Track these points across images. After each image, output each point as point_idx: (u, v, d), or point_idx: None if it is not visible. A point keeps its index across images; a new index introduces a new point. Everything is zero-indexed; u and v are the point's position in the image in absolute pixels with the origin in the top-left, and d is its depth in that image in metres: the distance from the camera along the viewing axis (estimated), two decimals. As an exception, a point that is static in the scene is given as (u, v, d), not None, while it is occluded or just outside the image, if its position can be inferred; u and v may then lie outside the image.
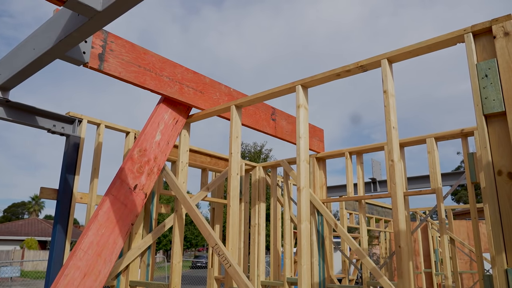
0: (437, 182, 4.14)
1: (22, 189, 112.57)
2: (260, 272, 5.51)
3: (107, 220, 3.10)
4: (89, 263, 2.91)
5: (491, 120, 2.15)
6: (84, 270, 2.87)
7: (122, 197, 3.24)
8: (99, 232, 3.02)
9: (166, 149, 3.67)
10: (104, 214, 3.09)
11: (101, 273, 2.98)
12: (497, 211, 2.04)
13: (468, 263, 10.73)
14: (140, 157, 3.44)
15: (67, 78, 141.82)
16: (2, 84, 3.17)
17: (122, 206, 3.22)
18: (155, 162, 3.54)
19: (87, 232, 2.96)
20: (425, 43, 2.49)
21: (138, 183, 3.39)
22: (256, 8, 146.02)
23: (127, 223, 3.24)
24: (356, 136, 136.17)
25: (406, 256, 2.43)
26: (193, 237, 42.04)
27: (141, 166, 3.43)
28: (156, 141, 3.59)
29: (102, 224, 3.06)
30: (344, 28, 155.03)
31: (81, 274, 2.84)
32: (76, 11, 2.22)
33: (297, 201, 3.00)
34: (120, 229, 3.18)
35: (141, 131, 3.57)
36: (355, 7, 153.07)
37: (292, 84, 3.15)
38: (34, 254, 28.06)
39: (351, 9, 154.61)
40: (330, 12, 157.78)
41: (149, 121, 3.60)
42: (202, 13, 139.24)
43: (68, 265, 2.80)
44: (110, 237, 3.09)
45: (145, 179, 3.45)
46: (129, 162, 3.37)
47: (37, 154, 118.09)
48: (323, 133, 5.56)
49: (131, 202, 3.30)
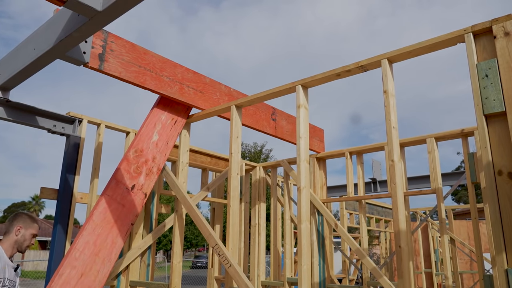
0: (437, 182, 4.14)
1: (22, 189, 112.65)
2: (260, 272, 5.51)
3: (103, 220, 3.09)
4: (86, 263, 2.90)
5: (492, 120, 2.15)
6: (81, 270, 2.86)
7: (118, 198, 3.23)
8: (95, 232, 3.02)
9: (166, 149, 3.67)
10: (100, 215, 3.08)
11: (100, 273, 2.97)
12: (497, 211, 2.04)
13: (468, 263, 10.73)
14: (137, 158, 3.43)
15: (65, 78, 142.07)
16: (2, 84, 3.17)
17: (119, 206, 3.22)
18: (153, 162, 3.54)
19: (82, 232, 2.96)
20: (425, 43, 2.49)
21: (136, 183, 3.39)
22: (253, 9, 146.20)
23: (126, 223, 3.24)
24: (355, 137, 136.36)
25: (406, 256, 2.43)
26: (193, 237, 42.04)
27: (138, 166, 3.42)
28: (154, 142, 3.58)
29: (98, 224, 3.05)
30: (341, 29, 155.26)
31: (78, 274, 2.83)
32: (76, 11, 2.22)
33: (297, 201, 3.00)
34: (118, 229, 3.18)
35: (137, 133, 3.57)
36: (353, 7, 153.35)
37: (292, 84, 3.15)
38: (34, 254, 28.08)
39: (348, 10, 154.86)
40: (327, 13, 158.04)
41: (144, 123, 3.60)
42: (199, 14, 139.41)
43: (63, 265, 2.79)
44: (108, 237, 3.08)
45: (143, 179, 3.45)
46: (125, 162, 3.36)
47: (36, 154, 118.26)
48: (323, 133, 5.56)
49: (129, 202, 3.30)
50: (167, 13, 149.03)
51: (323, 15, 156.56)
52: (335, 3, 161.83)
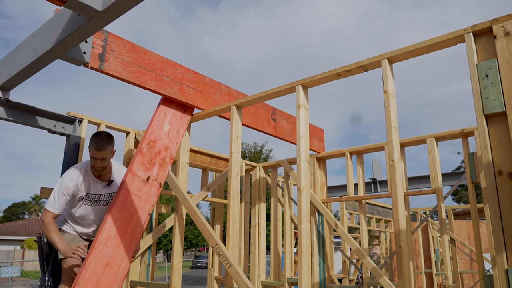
0: (438, 182, 4.14)
1: (22, 189, 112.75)
2: (261, 272, 5.51)
3: (122, 213, 3.22)
4: (109, 254, 3.06)
5: (492, 120, 2.15)
6: (105, 261, 3.02)
7: (135, 190, 3.34)
8: (115, 225, 3.15)
9: (177, 138, 3.75)
10: (118, 208, 3.20)
11: (123, 262, 3.14)
12: (498, 211, 2.04)
13: (468, 263, 10.72)
14: (150, 150, 3.52)
15: (63, 79, 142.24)
16: (3, 84, 3.17)
17: (136, 198, 3.33)
18: (166, 152, 3.62)
19: (103, 226, 3.10)
20: (425, 43, 2.49)
21: (151, 175, 3.48)
22: (250, 10, 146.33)
23: (143, 214, 3.37)
24: (353, 137, 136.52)
25: (407, 256, 2.43)
26: (193, 237, 42.02)
27: (151, 158, 3.51)
28: (165, 132, 3.66)
29: (117, 217, 3.18)
30: (338, 30, 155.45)
31: (102, 265, 2.99)
32: (77, 11, 2.22)
33: (297, 201, 3.00)
34: (137, 220, 3.31)
35: (148, 125, 3.61)
36: (349, 8, 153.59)
37: (293, 84, 3.15)
38: (34, 254, 28.05)
39: (345, 11, 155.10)
40: (324, 14, 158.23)
41: (154, 115, 3.66)
42: (197, 15, 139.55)
43: (88, 258, 2.94)
44: (127, 228, 3.23)
45: (157, 170, 3.53)
46: (139, 155, 3.44)
47: (34, 154, 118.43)
48: (323, 133, 5.55)
49: (145, 193, 3.41)
50: (165, 14, 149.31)
51: (319, 16, 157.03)
52: (331, 4, 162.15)
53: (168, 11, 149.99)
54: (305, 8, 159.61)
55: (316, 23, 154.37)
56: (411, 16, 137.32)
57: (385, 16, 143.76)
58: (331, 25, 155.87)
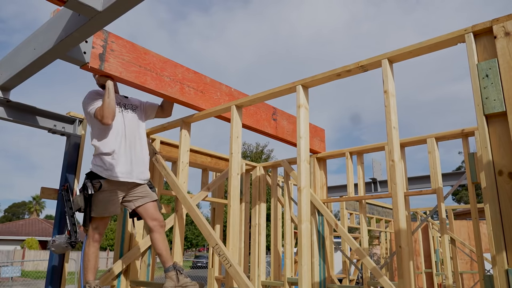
0: (438, 182, 4.14)
1: (22, 189, 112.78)
2: (261, 272, 5.51)
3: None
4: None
5: (492, 120, 2.15)
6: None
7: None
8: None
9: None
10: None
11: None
12: (498, 211, 2.04)
13: (468, 263, 10.72)
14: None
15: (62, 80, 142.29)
16: (3, 84, 3.18)
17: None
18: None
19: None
20: (425, 43, 2.49)
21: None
22: (240, 13, 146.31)
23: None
24: (347, 138, 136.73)
25: (407, 256, 2.43)
26: (193, 237, 42.02)
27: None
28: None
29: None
30: (326, 32, 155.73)
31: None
32: (77, 11, 2.22)
33: (297, 201, 3.00)
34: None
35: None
36: (338, 11, 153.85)
37: (293, 84, 3.14)
38: (34, 254, 28.06)
39: (333, 14, 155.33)
40: (312, 17, 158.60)
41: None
42: (188, 18, 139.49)
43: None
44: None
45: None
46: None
47: (32, 155, 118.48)
48: (324, 133, 5.55)
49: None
50: (155, 18, 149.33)
51: (308, 19, 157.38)
52: (319, 8, 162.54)
53: (158, 14, 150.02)
54: (293, 11, 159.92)
55: (305, 25, 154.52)
56: (398, 19, 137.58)
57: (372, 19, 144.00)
58: (320, 27, 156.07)
